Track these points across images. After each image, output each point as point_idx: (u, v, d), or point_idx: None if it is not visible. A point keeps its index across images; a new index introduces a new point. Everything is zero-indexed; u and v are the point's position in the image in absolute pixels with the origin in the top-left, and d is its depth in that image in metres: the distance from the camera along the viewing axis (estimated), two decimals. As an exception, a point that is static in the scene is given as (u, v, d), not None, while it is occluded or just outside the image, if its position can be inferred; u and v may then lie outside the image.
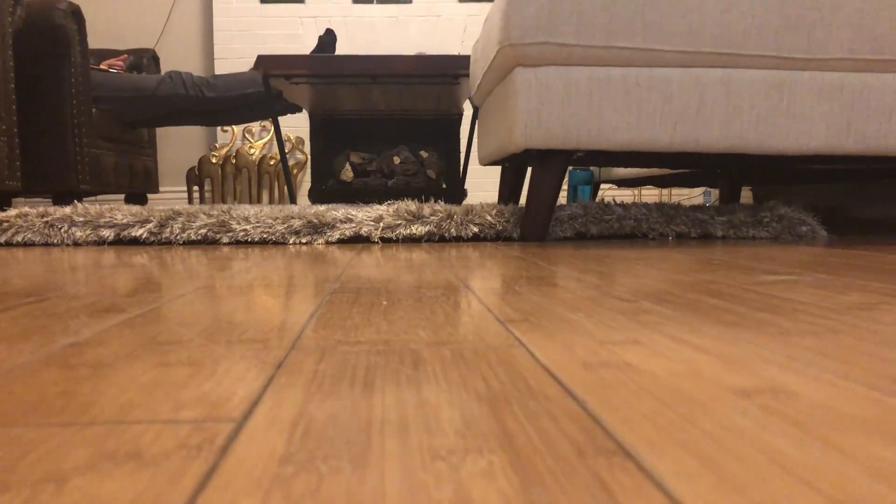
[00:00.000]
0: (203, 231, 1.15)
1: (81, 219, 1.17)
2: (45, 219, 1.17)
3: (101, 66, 2.72)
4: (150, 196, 3.39)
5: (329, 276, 0.66)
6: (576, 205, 1.23)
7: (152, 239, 1.13)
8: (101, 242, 1.15)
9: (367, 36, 3.56)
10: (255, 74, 2.75)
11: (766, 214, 1.22)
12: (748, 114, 1.13)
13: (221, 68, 3.51)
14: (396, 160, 3.78)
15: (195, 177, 3.53)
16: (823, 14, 1.12)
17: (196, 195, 3.55)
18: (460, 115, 3.33)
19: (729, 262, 0.79)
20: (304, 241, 1.14)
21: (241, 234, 1.15)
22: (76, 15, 2.41)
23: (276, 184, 3.56)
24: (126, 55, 2.87)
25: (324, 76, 1.92)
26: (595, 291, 0.52)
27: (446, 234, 1.17)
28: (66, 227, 1.15)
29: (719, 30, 1.11)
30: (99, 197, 3.49)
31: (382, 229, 1.17)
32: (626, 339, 0.33)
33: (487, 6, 3.58)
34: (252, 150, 3.52)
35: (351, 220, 1.19)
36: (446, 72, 1.91)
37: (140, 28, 3.69)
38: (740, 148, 1.14)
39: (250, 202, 3.50)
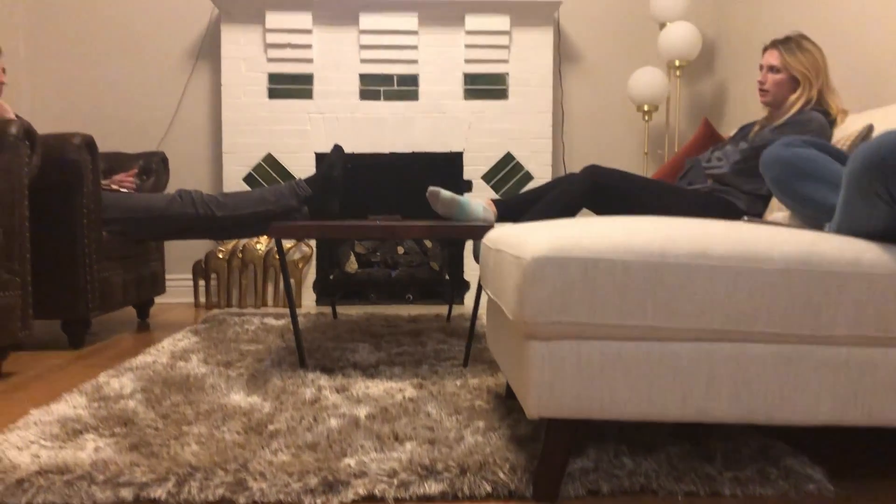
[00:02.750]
0: (220, 491, 1.17)
1: (101, 476, 1.19)
2: (64, 477, 1.19)
3: (112, 186, 2.76)
4: (157, 299, 3.39)
5: None
6: (587, 455, 1.25)
7: (171, 501, 1.15)
8: (120, 502, 1.16)
9: (373, 132, 3.61)
10: (264, 192, 2.79)
11: (772, 470, 1.24)
12: (756, 387, 1.16)
13: (229, 163, 3.56)
14: (400, 250, 3.81)
15: (201, 270, 3.56)
16: (830, 295, 1.14)
17: (202, 287, 3.58)
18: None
19: None
20: (319, 501, 1.16)
21: (258, 493, 1.17)
22: (90, 147, 2.46)
23: (281, 275, 3.58)
24: (135, 169, 2.91)
25: (333, 238, 1.95)
26: None
27: (459, 494, 1.19)
28: (85, 487, 1.17)
29: (728, 309, 1.14)
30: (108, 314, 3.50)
31: (396, 487, 1.19)
32: None
33: (491, 103, 3.65)
34: (259, 245, 3.55)
35: (365, 474, 1.21)
36: (458, 238, 1.94)
37: (148, 125, 3.73)
38: (748, 420, 1.17)
39: (255, 296, 3.53)
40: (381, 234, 1.92)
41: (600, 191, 2.35)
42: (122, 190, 2.77)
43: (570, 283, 1.12)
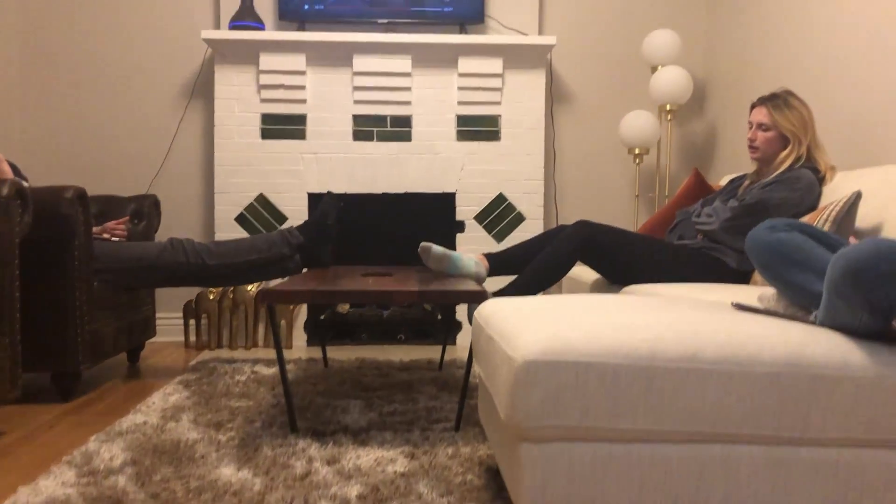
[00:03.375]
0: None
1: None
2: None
3: (104, 234, 2.75)
4: (147, 342, 3.37)
5: None
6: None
7: None
8: None
9: (366, 172, 3.63)
10: (256, 241, 2.79)
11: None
12: (747, 489, 1.16)
13: (221, 203, 3.57)
14: (393, 290, 3.80)
15: (192, 310, 3.55)
16: (819, 398, 1.15)
17: (193, 326, 3.57)
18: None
19: None
20: None
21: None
22: (82, 199, 2.46)
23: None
24: (127, 217, 2.91)
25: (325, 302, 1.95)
26: None
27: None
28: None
29: (718, 412, 1.15)
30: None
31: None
32: None
33: (484, 144, 3.66)
34: (250, 287, 3.55)
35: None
36: (451, 303, 1.95)
37: (140, 163, 3.74)
38: (739, 521, 1.17)
39: (246, 337, 3.53)
40: (373, 300, 1.92)
41: (591, 247, 2.37)
42: (114, 239, 2.77)
43: (562, 387, 1.13)
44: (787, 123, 2.44)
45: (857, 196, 2.02)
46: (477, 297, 1.90)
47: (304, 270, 2.85)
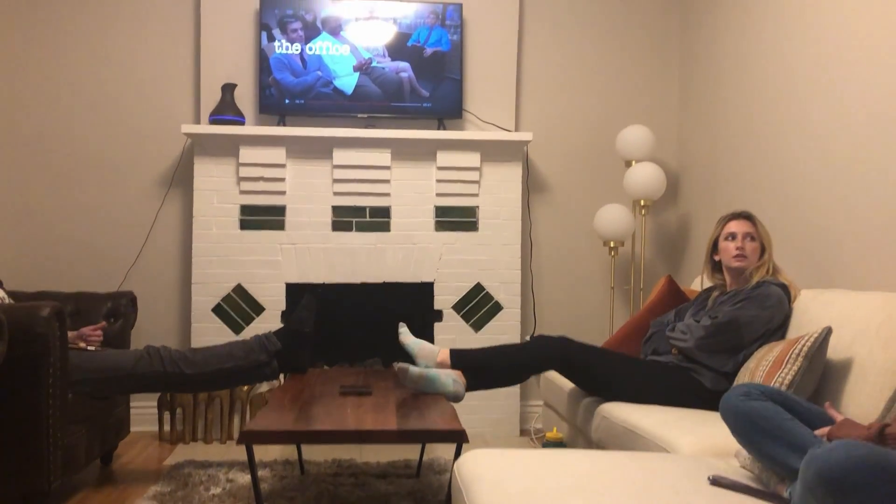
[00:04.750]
0: None
1: None
2: None
3: (80, 343, 2.73)
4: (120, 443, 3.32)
5: None
6: None
7: None
8: None
9: (345, 263, 3.65)
10: (232, 348, 2.79)
11: None
12: None
13: (198, 293, 3.56)
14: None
15: (167, 402, 3.51)
16: None
17: (167, 417, 3.52)
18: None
19: None
20: None
21: None
22: (59, 316, 2.43)
23: (248, 408, 3.55)
24: (103, 322, 2.89)
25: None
26: None
27: None
28: None
29: None
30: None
31: None
32: None
33: (462, 234, 3.70)
34: (226, 380, 3.50)
35: None
36: (431, 441, 1.96)
37: (117, 252, 3.73)
38: None
39: (221, 430, 3.50)
40: (353, 440, 1.92)
41: (568, 364, 2.43)
42: (89, 348, 2.74)
43: None
44: (765, 235, 2.56)
45: (828, 332, 2.08)
46: (456, 438, 1.91)
47: (282, 376, 2.84)
